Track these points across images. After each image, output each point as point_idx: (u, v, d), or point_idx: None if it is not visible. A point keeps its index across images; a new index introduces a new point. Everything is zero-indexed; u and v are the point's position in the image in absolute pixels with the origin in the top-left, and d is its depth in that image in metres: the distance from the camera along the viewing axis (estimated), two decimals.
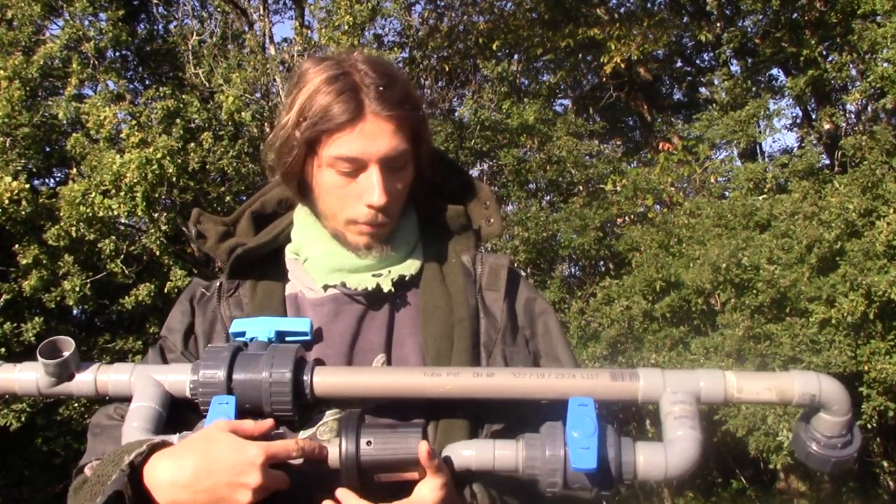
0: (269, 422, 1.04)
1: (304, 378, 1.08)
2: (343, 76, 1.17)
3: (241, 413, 1.06)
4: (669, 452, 1.01)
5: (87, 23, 8.98)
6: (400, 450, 1.00)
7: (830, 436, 1.09)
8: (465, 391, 1.08)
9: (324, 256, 1.23)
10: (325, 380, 1.09)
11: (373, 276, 1.22)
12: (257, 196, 1.36)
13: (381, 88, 1.16)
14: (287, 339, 1.17)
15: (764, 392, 1.07)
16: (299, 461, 1.00)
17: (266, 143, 1.28)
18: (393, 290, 1.22)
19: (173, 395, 1.12)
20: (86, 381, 1.13)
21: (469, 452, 1.03)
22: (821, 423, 1.09)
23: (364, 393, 1.10)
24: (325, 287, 1.22)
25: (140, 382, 1.12)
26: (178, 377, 1.12)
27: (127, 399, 1.12)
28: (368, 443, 1.00)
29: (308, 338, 1.17)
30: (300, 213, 1.30)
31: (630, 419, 8.91)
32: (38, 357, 1.11)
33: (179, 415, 1.13)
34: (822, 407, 1.08)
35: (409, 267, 1.25)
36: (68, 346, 1.12)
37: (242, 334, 1.17)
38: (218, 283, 1.28)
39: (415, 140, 1.20)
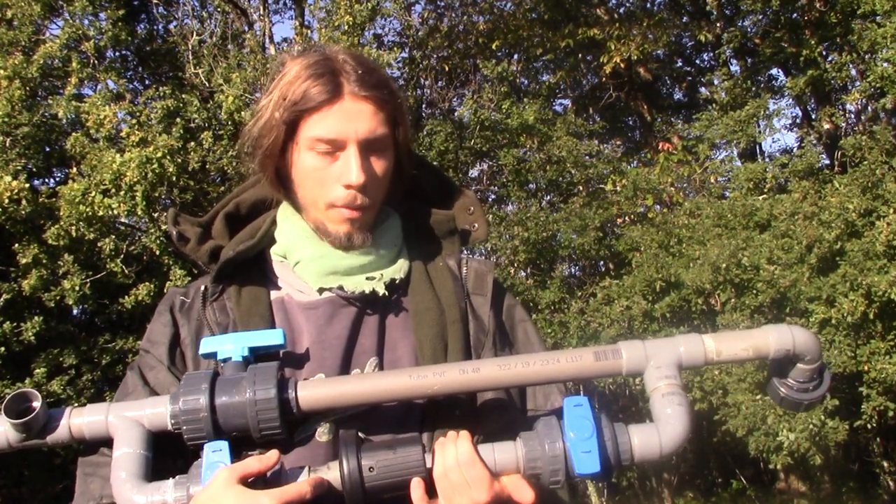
0: (274, 455, 1.02)
1: (289, 395, 1.05)
2: (323, 61, 1.18)
3: (234, 445, 1.02)
4: (662, 432, 1.03)
5: (86, 22, 8.97)
6: (402, 472, 1.00)
7: (803, 381, 1.12)
8: (453, 388, 1.07)
9: (318, 259, 1.22)
10: (311, 394, 1.07)
11: (367, 279, 1.21)
12: (230, 197, 1.34)
13: (359, 72, 1.17)
14: (261, 353, 1.14)
15: (741, 352, 1.10)
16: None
17: (244, 131, 1.26)
18: (387, 293, 1.22)
19: (155, 431, 1.07)
20: (59, 429, 1.07)
21: None
22: (794, 372, 1.12)
23: (351, 402, 1.08)
24: (321, 290, 1.21)
25: (119, 425, 1.06)
26: (157, 410, 1.07)
27: (107, 440, 1.08)
28: (370, 469, 1.00)
29: (283, 348, 1.15)
30: (284, 214, 1.28)
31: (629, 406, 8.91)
32: (4, 415, 1.04)
33: (163, 446, 1.09)
34: (797, 358, 1.10)
35: (399, 270, 1.25)
36: (36, 398, 1.06)
37: (214, 355, 1.14)
38: (202, 288, 1.25)
39: (393, 125, 1.20)
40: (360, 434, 1.08)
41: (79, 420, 1.08)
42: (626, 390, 8.33)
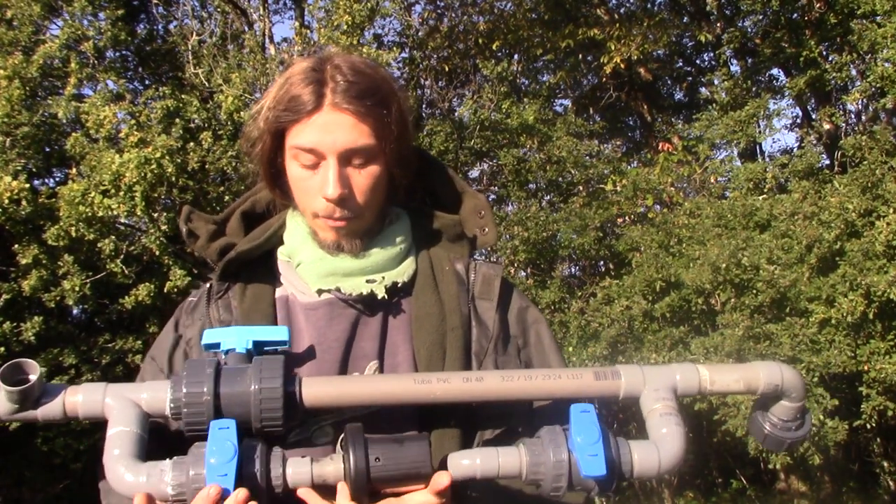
0: (243, 493, 0.97)
1: (294, 389, 1.06)
2: (316, 70, 1.17)
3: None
4: (661, 450, 1.06)
5: (86, 22, 8.97)
6: (409, 466, 1.00)
7: (786, 419, 1.17)
8: (455, 397, 1.08)
9: (318, 261, 1.22)
10: (315, 390, 1.07)
11: (367, 281, 1.21)
12: (247, 195, 1.35)
13: (345, 82, 1.15)
14: (266, 348, 1.14)
15: (733, 384, 1.14)
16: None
17: (244, 133, 1.28)
18: (386, 296, 1.21)
19: (151, 414, 1.06)
20: (53, 403, 1.06)
21: (470, 461, 1.02)
22: (778, 408, 1.17)
23: (354, 402, 1.09)
24: (320, 291, 1.21)
25: (115, 404, 1.05)
26: (156, 394, 1.06)
27: (99, 419, 1.07)
28: (377, 459, 1.00)
29: (287, 346, 1.15)
30: (292, 217, 1.29)
31: (630, 419, 8.91)
32: (0, 383, 1.03)
33: (156, 433, 1.09)
34: (783, 395, 1.15)
35: (403, 273, 1.24)
36: (34, 369, 1.04)
37: (217, 345, 1.14)
38: (207, 286, 1.26)
39: (379, 136, 1.16)
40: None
41: (74, 398, 1.06)
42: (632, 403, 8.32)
